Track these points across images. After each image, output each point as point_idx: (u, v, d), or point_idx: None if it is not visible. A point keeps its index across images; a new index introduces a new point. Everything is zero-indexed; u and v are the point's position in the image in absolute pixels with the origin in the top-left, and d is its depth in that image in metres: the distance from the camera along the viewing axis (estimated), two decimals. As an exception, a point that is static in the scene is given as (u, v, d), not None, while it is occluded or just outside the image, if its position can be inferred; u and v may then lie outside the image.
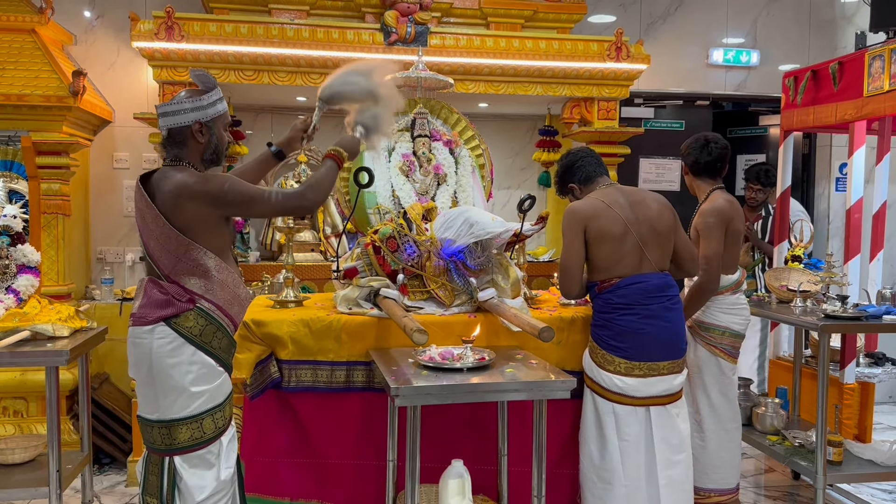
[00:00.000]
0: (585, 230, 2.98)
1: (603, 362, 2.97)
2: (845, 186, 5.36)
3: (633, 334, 2.94)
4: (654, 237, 3.02)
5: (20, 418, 4.19)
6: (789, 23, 6.13)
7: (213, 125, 2.51)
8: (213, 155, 2.55)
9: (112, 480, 4.23)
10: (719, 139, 3.59)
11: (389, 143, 3.61)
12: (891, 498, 4.15)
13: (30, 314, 3.19)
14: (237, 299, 2.52)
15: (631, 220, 2.99)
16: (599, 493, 2.97)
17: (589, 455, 3.01)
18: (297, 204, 2.51)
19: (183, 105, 2.46)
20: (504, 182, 5.87)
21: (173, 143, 2.49)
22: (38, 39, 4.44)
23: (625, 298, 2.96)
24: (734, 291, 3.53)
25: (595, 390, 3.00)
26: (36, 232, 4.35)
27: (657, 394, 2.96)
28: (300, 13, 4.68)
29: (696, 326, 3.50)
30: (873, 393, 4.23)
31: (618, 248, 2.98)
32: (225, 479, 2.46)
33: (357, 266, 3.18)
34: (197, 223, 2.41)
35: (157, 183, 2.44)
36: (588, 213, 3.00)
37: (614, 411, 2.95)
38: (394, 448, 2.91)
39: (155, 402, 2.42)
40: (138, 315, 2.42)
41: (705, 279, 3.33)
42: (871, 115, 4.05)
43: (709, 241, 3.36)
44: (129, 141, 5.17)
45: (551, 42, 4.68)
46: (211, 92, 2.50)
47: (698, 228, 3.43)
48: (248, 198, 2.44)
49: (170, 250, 2.40)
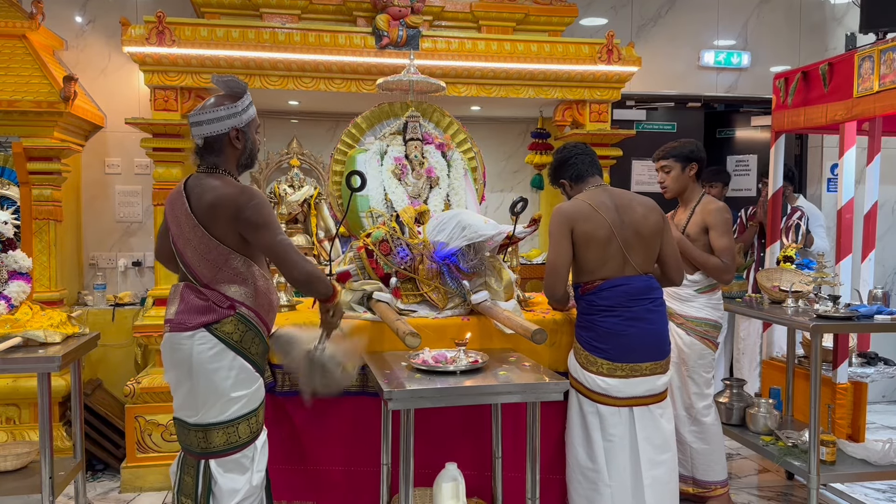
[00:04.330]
0: (572, 231, 2.99)
1: (586, 363, 2.99)
2: (836, 187, 5.38)
3: (615, 336, 2.96)
4: (638, 241, 3.03)
5: (12, 425, 4.17)
6: (780, 24, 6.16)
7: (248, 130, 2.53)
8: (249, 160, 2.58)
9: (105, 487, 4.21)
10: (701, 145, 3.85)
11: (382, 146, 3.61)
12: (885, 497, 4.16)
13: (21, 320, 3.18)
14: (272, 306, 2.56)
15: (616, 224, 3.00)
16: (586, 494, 2.98)
17: (575, 455, 3.03)
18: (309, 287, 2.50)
19: (218, 113, 2.45)
20: (496, 185, 5.88)
21: (210, 152, 2.49)
22: (28, 45, 4.43)
23: (607, 300, 2.98)
24: (717, 289, 3.80)
25: (580, 391, 3.02)
26: (27, 238, 4.34)
27: (640, 394, 2.98)
28: (292, 17, 4.68)
29: (686, 320, 3.74)
30: (866, 392, 4.24)
31: (602, 251, 2.99)
32: (256, 485, 2.50)
33: (350, 270, 3.18)
34: (236, 233, 2.43)
35: (194, 191, 2.44)
36: (574, 215, 3.01)
37: (598, 411, 2.97)
38: (387, 452, 2.91)
39: (194, 406, 2.44)
40: (176, 321, 2.43)
41: (728, 274, 3.63)
42: (861, 116, 4.07)
43: (729, 235, 3.64)
44: (121, 146, 5.16)
45: (543, 45, 4.69)
46: (243, 97, 2.50)
47: (711, 224, 3.63)
48: (282, 253, 2.44)
49: (210, 259, 2.42)
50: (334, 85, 4.49)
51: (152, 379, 4.15)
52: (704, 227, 3.67)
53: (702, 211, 3.70)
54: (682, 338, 3.72)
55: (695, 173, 3.75)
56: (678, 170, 3.74)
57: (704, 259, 3.64)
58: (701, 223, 3.68)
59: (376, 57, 4.46)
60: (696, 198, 3.77)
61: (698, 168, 3.75)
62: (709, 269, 3.65)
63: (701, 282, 3.72)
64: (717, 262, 3.62)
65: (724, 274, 3.64)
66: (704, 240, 3.67)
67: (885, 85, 3.84)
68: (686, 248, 3.62)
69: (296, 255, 2.46)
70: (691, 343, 3.72)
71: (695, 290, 3.73)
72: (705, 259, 3.64)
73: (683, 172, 3.74)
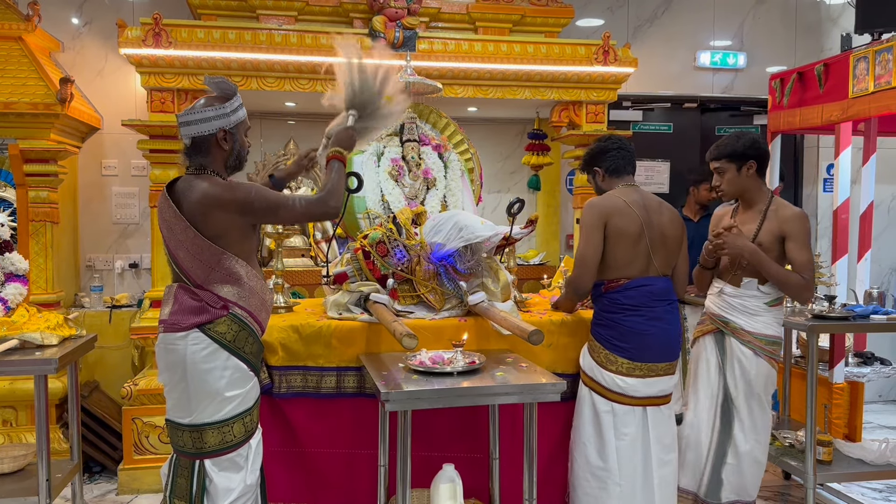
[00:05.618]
0: (606, 225, 2.98)
1: (605, 362, 2.98)
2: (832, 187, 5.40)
3: (637, 335, 2.95)
4: (662, 244, 3.04)
5: (9, 427, 4.16)
6: (776, 25, 6.17)
7: (235, 132, 2.54)
8: (236, 161, 2.59)
9: (102, 489, 4.20)
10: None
11: (379, 147, 3.61)
12: (881, 497, 4.17)
13: (18, 323, 3.17)
14: (264, 305, 2.57)
15: (646, 223, 3.00)
16: (594, 493, 2.98)
17: (584, 454, 3.01)
18: (322, 210, 2.54)
19: (206, 113, 2.47)
20: (493, 186, 5.88)
21: (197, 152, 2.50)
22: (24, 47, 4.43)
23: (632, 300, 2.98)
24: (783, 302, 3.36)
25: (595, 389, 3.00)
26: (24, 240, 4.33)
27: (654, 394, 2.99)
28: (288, 19, 4.68)
29: (754, 338, 3.21)
30: (862, 392, 4.26)
31: (631, 249, 2.99)
32: (251, 483, 2.50)
33: (347, 271, 3.18)
34: (227, 232, 2.44)
35: (183, 192, 2.45)
36: (609, 209, 3.00)
37: (613, 410, 2.96)
38: (385, 453, 2.91)
39: (187, 407, 2.44)
40: (170, 322, 2.44)
41: (809, 292, 3.20)
42: (856, 117, 4.08)
43: (809, 246, 3.20)
44: (117, 148, 5.16)
45: (539, 46, 4.69)
46: (232, 99, 2.52)
47: (790, 234, 3.16)
48: (274, 205, 2.47)
49: (202, 260, 2.43)
50: (331, 86, 4.49)
51: (149, 381, 4.14)
52: (780, 236, 3.18)
53: (777, 217, 3.20)
54: (748, 358, 3.20)
55: (755, 171, 3.25)
56: (733, 171, 3.26)
57: (784, 276, 3.15)
58: (776, 232, 3.19)
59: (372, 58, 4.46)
60: (764, 200, 3.26)
61: (758, 165, 3.26)
62: (789, 286, 3.16)
63: (772, 294, 3.22)
64: (799, 280, 3.13)
65: (804, 292, 3.17)
66: (777, 250, 3.20)
67: (880, 85, 3.85)
68: (763, 263, 3.13)
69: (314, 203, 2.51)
70: (759, 364, 3.20)
71: (765, 303, 3.23)
72: (785, 276, 3.15)
73: (740, 173, 3.25)
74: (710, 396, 3.28)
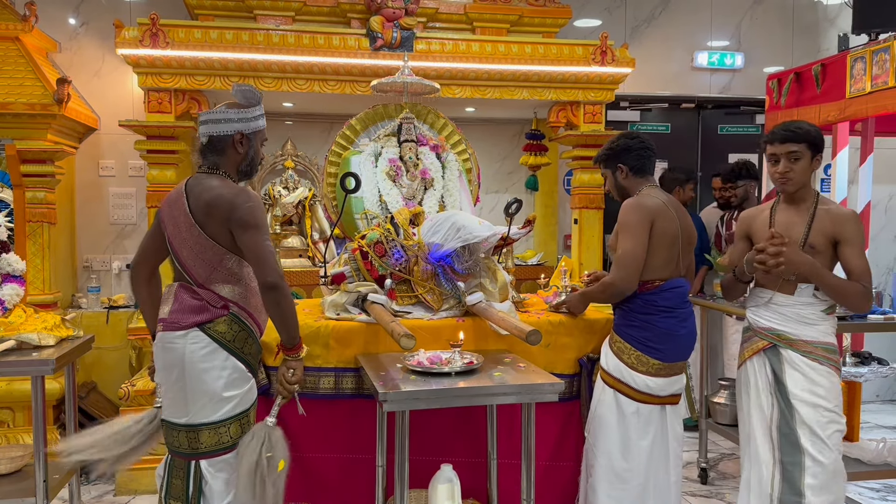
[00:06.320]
0: (652, 226, 2.95)
1: (636, 364, 2.95)
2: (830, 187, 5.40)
3: (671, 337, 2.96)
4: (686, 247, 3.06)
5: (6, 428, 4.15)
6: (773, 25, 6.18)
7: (253, 138, 2.57)
8: (249, 167, 2.61)
9: (100, 490, 4.20)
10: None
11: (377, 147, 3.61)
12: (879, 496, 4.17)
13: (15, 323, 3.17)
14: (264, 307, 2.56)
15: (681, 226, 3.02)
16: (616, 495, 2.95)
17: (608, 458, 2.97)
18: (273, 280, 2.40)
19: (228, 115, 2.51)
20: (491, 186, 5.88)
21: (213, 151, 2.53)
22: (21, 47, 4.42)
23: (669, 301, 2.98)
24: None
25: (621, 391, 2.97)
26: (21, 240, 4.32)
27: (675, 392, 3.02)
28: (286, 19, 4.68)
29: (815, 347, 2.84)
30: (860, 392, 4.24)
31: (668, 251, 2.99)
32: None
33: (345, 271, 3.18)
34: (228, 231, 2.44)
35: (193, 191, 2.47)
36: (656, 210, 2.96)
37: (638, 411, 2.96)
38: (383, 453, 2.91)
39: (185, 407, 2.44)
40: (170, 320, 2.46)
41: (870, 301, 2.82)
42: (853, 117, 4.09)
43: (864, 252, 2.87)
44: (115, 148, 5.15)
45: (537, 46, 4.70)
46: (255, 106, 2.56)
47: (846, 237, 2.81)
48: (254, 226, 2.40)
49: (205, 259, 2.44)
50: (328, 87, 4.50)
51: (147, 381, 4.13)
52: (834, 239, 2.81)
53: (829, 218, 2.82)
54: (813, 368, 2.82)
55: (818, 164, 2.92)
56: (808, 159, 2.85)
57: (844, 287, 2.77)
58: (829, 233, 2.81)
59: (370, 59, 4.46)
60: (812, 198, 2.89)
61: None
62: (848, 297, 2.78)
63: (828, 300, 2.84)
64: (860, 289, 2.76)
65: (865, 302, 2.79)
66: (829, 255, 2.84)
67: (877, 86, 3.86)
68: (824, 278, 2.76)
69: (275, 262, 2.44)
70: (826, 374, 2.82)
71: (822, 311, 2.86)
72: (845, 287, 2.77)
73: (811, 163, 2.87)
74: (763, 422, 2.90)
